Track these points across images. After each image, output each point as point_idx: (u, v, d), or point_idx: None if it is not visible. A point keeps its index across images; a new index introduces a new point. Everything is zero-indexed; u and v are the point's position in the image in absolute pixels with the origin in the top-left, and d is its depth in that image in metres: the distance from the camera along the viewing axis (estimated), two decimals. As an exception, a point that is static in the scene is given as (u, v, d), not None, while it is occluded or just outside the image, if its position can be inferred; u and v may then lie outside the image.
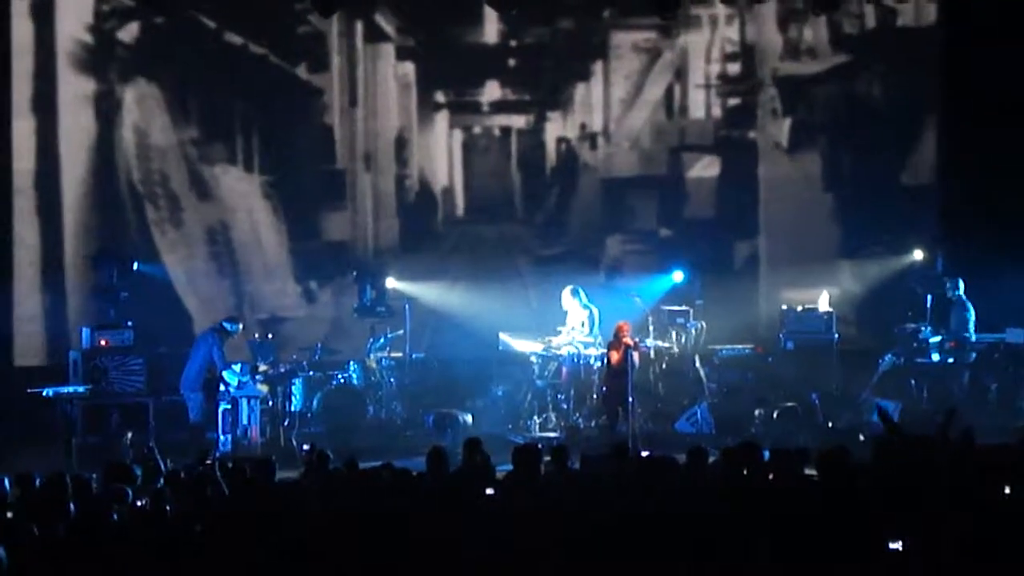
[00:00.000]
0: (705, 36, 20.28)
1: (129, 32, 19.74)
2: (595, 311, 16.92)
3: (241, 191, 20.12)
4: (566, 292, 17.03)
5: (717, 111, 20.39)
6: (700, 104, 20.42)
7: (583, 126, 20.32)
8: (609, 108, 20.37)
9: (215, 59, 19.94)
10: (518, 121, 20.31)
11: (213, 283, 19.92)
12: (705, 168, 20.36)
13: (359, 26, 20.11)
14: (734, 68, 20.37)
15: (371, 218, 20.32)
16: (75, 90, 19.57)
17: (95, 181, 19.64)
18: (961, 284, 17.48)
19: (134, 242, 19.60)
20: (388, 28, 20.21)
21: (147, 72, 19.82)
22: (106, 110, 19.67)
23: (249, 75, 20.00)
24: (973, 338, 17.28)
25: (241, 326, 16.65)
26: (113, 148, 19.66)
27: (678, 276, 18.47)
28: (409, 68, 20.22)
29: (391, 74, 20.23)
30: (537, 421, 16.65)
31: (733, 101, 20.39)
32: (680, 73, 20.36)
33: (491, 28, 20.20)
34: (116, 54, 19.70)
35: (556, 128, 20.29)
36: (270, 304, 19.63)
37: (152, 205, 19.94)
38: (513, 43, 20.28)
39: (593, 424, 16.49)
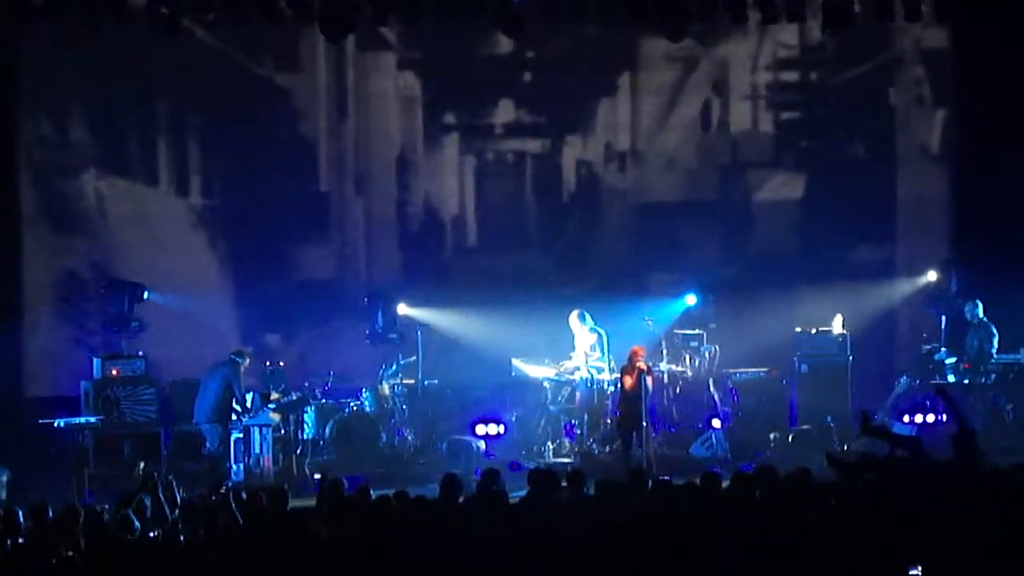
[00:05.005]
0: (751, 42, 17.98)
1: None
2: (603, 334, 16.81)
3: (152, 216, 16.22)
4: (573, 316, 16.93)
5: (768, 125, 18.05)
6: (747, 114, 17.94)
7: (607, 146, 18.34)
8: (638, 125, 18.24)
9: (111, 32, 15.07)
10: (534, 145, 18.33)
11: (58, 359, 15.66)
12: (780, 188, 18.07)
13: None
14: (791, 75, 18.07)
15: (363, 251, 17.99)
16: None
17: None
18: (980, 306, 17.28)
19: None
20: (389, 35, 17.68)
21: None
22: None
23: (175, 59, 15.82)
24: (994, 359, 17.11)
25: (248, 360, 16.39)
26: None
27: (691, 300, 18.33)
28: (412, 80, 17.83)
29: (392, 86, 17.79)
30: (551, 446, 16.56)
31: (788, 114, 17.89)
32: (720, 85, 18.05)
33: (505, 38, 17.59)
34: None
35: (575, 150, 18.32)
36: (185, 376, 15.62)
37: None
38: (530, 54, 18.07)
39: (607, 449, 16.39)
